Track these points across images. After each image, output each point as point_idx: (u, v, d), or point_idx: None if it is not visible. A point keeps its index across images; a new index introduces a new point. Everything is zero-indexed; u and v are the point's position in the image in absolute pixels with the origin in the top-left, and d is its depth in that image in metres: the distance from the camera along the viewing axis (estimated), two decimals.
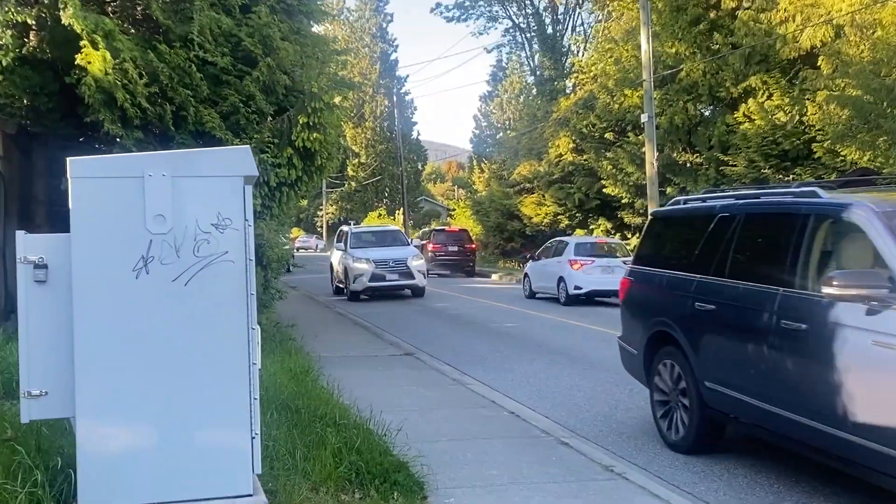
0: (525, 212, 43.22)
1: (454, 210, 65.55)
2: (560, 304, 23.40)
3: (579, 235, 32.96)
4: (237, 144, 10.62)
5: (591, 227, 39.36)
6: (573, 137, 39.83)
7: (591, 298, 23.07)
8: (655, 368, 8.07)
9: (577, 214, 40.35)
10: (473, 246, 41.86)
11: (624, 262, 19.23)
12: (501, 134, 67.12)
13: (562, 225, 41.23)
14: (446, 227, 46.99)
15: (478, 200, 53.43)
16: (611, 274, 22.28)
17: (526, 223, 43.48)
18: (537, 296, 25.47)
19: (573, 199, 39.66)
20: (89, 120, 10.89)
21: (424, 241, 40.49)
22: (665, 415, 7.97)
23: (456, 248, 39.02)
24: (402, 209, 65.73)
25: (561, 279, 23.99)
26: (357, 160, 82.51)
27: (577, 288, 23.35)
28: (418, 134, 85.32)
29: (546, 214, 41.76)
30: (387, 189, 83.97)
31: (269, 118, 12.11)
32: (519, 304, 24.13)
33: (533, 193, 43.38)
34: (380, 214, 74.82)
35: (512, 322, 19.38)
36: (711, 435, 7.52)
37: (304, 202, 71.85)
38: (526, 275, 26.79)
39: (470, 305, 23.80)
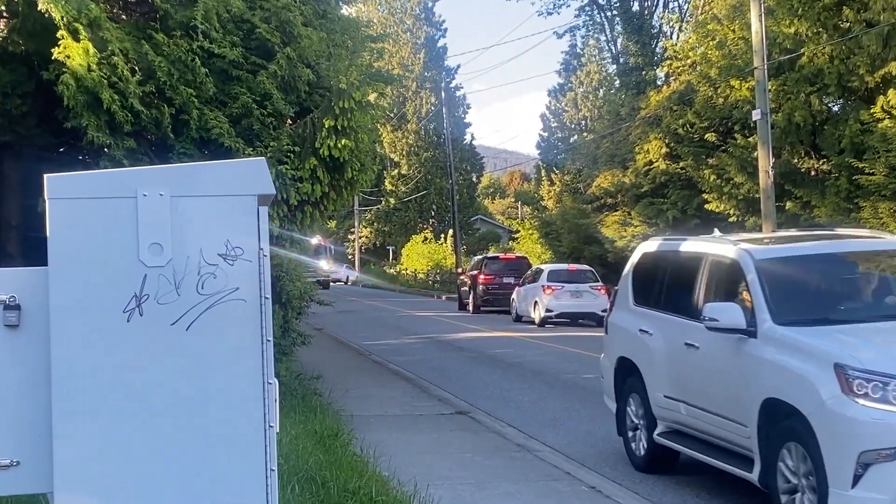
0: (606, 233, 43.14)
1: (518, 232, 66.80)
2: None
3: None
4: (250, 155, 10.70)
5: None
6: (666, 140, 39.62)
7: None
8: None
9: (672, 237, 40.20)
10: None
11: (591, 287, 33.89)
12: (576, 137, 66.95)
13: None
14: (500, 255, 48.91)
15: (547, 220, 53.91)
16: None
17: (608, 248, 43.28)
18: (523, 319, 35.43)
19: (666, 217, 39.43)
20: (70, 126, 10.95)
21: (475, 272, 42.39)
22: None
23: (512, 281, 39.52)
24: (452, 231, 66.00)
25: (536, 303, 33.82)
26: (397, 171, 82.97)
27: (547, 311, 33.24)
28: (472, 138, 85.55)
29: (633, 237, 41.40)
30: (433, 206, 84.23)
31: (289, 122, 12.26)
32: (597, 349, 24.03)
33: (616, 210, 43.28)
34: (425, 238, 75.07)
35: (590, 373, 19.21)
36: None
37: (333, 224, 72.53)
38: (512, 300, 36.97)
39: (536, 350, 23.80)
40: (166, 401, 4.58)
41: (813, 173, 32.91)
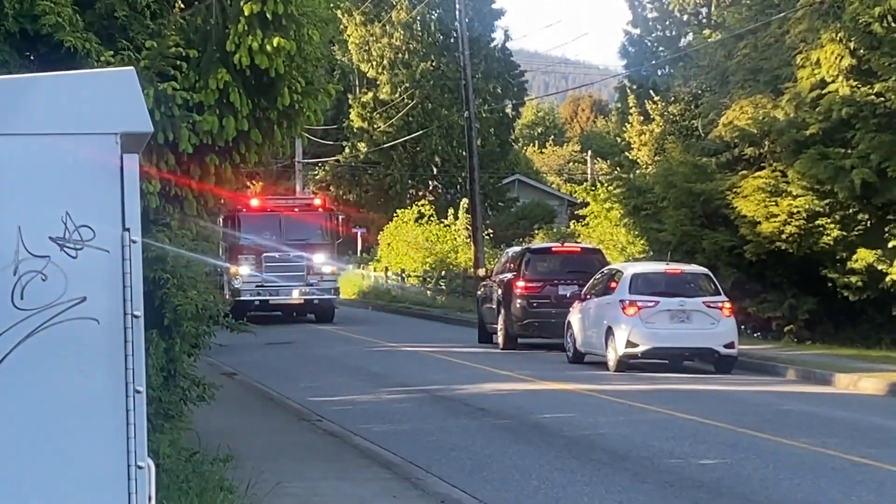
0: (743, 209, 36.53)
1: (586, 206, 54.45)
2: None
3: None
4: (111, 63, 9.73)
5: (891, 245, 33.58)
6: (851, 42, 34.72)
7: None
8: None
9: (858, 216, 34.89)
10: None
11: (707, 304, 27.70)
12: (690, 37, 57.41)
13: (826, 239, 34.95)
14: (554, 246, 40.82)
15: (638, 185, 44.00)
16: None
17: (745, 234, 36.84)
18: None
19: (850, 182, 34.27)
20: None
21: (509, 276, 35.50)
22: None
23: (574, 291, 32.50)
24: (467, 203, 54.19)
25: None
26: (372, 95, 70.80)
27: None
28: (506, 38, 72.44)
29: (791, 216, 35.52)
30: (437, 159, 70.82)
31: (179, 5, 11.42)
32: (722, 417, 22.25)
33: (762, 169, 37.36)
34: (421, 214, 61.04)
35: (709, 458, 16.90)
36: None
37: (257, 185, 47.08)
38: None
39: (615, 417, 20.71)
40: None
41: None
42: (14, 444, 4.13)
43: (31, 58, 10.17)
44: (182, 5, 11.31)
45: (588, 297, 29.62)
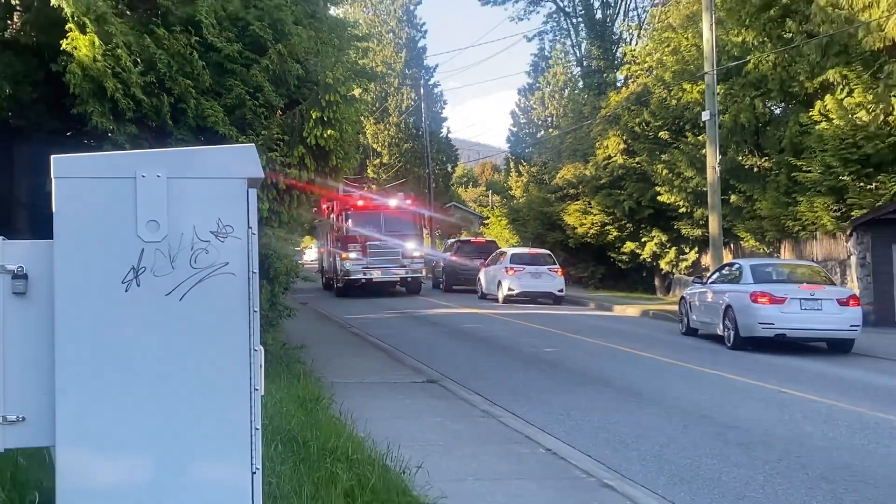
0: (569, 221, 43.32)
1: (488, 218, 66.44)
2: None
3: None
4: (242, 142, 10.68)
5: (643, 240, 39.37)
6: (624, 137, 39.88)
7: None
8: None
9: (627, 225, 40.50)
10: None
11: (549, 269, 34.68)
12: (543, 133, 67.03)
13: (610, 237, 41.34)
14: (472, 238, 49.59)
15: (514, 208, 54.25)
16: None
17: (569, 234, 43.60)
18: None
19: (623, 207, 39.80)
20: (76, 112, 10.89)
21: (448, 254, 42.36)
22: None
23: (483, 261, 38.74)
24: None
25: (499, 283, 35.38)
26: (378, 160, 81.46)
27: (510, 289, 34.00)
28: (448, 132, 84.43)
29: (592, 224, 41.90)
30: (412, 193, 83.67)
31: (279, 112, 12.21)
32: (555, 325, 24.18)
33: (577, 200, 43.38)
34: None
35: (554, 347, 19.35)
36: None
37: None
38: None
39: (502, 326, 23.87)
40: (160, 363, 4.55)
41: (755, 170, 33.16)
42: (193, 336, 4.55)
43: (201, 139, 10.71)
44: (281, 112, 11.99)
45: (488, 265, 36.53)
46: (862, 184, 27.03)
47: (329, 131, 12.08)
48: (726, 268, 22.15)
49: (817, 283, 19.39)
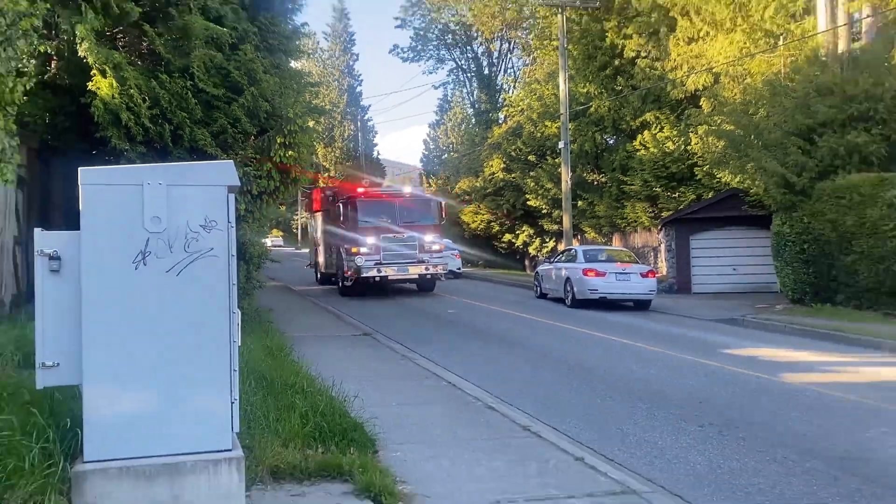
0: (465, 219, 43.49)
1: None
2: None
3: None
4: (225, 159, 10.48)
5: (517, 233, 39.83)
6: (504, 159, 40.16)
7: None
8: None
9: (506, 222, 40.93)
10: None
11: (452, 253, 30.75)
12: (446, 155, 67.03)
13: (494, 230, 41.76)
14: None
15: None
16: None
17: (465, 228, 43.78)
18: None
19: (503, 209, 40.15)
20: (99, 136, 10.66)
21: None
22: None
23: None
24: None
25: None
26: (327, 174, 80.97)
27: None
28: (378, 153, 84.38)
29: (481, 221, 42.19)
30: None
31: (253, 137, 11.97)
32: (456, 293, 24.20)
33: (471, 204, 43.64)
34: None
35: (454, 309, 19.43)
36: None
37: (283, 208, 69.51)
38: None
39: (420, 298, 23.70)
40: (162, 322, 4.49)
41: (595, 183, 33.79)
42: (187, 302, 4.45)
43: (194, 156, 10.47)
44: (254, 138, 11.67)
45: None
46: (669, 193, 27.84)
47: (290, 152, 11.93)
48: (566, 252, 22.52)
49: (627, 262, 20.08)
